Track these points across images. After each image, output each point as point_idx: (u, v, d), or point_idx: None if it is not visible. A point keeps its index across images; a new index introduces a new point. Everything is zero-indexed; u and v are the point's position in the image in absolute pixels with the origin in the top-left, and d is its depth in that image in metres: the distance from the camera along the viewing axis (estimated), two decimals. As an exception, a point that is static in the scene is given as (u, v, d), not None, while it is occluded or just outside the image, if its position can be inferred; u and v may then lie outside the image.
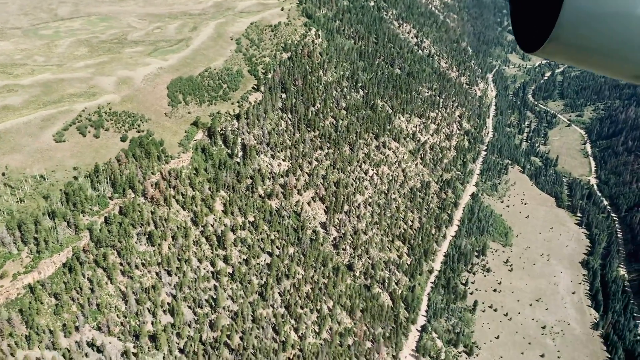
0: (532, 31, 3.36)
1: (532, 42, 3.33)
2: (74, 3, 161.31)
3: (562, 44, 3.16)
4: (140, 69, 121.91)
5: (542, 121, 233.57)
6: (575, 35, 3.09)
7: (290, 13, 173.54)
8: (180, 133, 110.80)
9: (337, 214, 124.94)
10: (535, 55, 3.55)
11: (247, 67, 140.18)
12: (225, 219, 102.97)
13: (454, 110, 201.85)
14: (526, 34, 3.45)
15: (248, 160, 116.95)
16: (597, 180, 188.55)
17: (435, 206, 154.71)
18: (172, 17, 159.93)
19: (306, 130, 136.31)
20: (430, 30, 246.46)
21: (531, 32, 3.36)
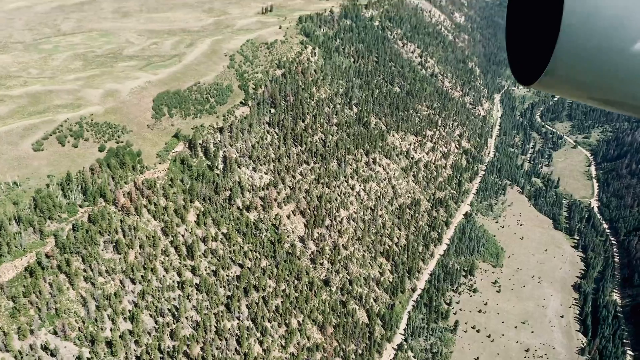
0: (528, 65, 3.47)
1: (528, 75, 3.43)
2: (78, 19, 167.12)
3: (557, 77, 3.24)
4: (128, 83, 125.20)
5: (547, 142, 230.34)
6: (570, 69, 3.16)
7: (288, 31, 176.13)
8: (161, 144, 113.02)
9: (317, 228, 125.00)
10: (532, 88, 3.82)
11: (237, 83, 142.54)
12: (197, 229, 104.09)
13: (453, 129, 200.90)
14: (522, 67, 3.57)
15: (229, 173, 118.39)
16: (599, 203, 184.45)
17: (425, 224, 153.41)
18: (171, 33, 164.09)
19: (293, 145, 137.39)
20: (435, 50, 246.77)
21: (527, 66, 3.47)
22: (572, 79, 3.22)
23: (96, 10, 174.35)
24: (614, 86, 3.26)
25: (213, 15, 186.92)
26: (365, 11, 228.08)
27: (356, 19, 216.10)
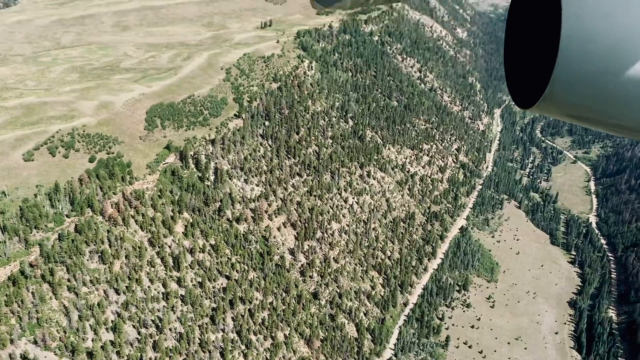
0: (526, 89, 3.50)
1: (527, 99, 3.46)
2: (77, 33, 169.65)
3: (556, 101, 3.27)
4: (122, 95, 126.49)
5: (547, 157, 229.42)
6: (568, 93, 3.19)
7: (286, 45, 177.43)
8: (151, 156, 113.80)
9: (308, 241, 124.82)
10: (531, 112, 3.86)
11: (232, 96, 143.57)
12: (184, 241, 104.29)
13: (451, 143, 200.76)
14: (520, 91, 3.60)
15: (219, 184, 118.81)
16: (597, 219, 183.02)
17: (419, 238, 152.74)
18: (169, 47, 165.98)
19: (286, 157, 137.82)
20: (435, 64, 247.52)
21: (525, 90, 3.50)
22: (571, 103, 3.26)
23: (96, 24, 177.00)
24: (612, 110, 3.30)
25: (212, 30, 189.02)
26: (365, 26, 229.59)
27: (355, 33, 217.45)
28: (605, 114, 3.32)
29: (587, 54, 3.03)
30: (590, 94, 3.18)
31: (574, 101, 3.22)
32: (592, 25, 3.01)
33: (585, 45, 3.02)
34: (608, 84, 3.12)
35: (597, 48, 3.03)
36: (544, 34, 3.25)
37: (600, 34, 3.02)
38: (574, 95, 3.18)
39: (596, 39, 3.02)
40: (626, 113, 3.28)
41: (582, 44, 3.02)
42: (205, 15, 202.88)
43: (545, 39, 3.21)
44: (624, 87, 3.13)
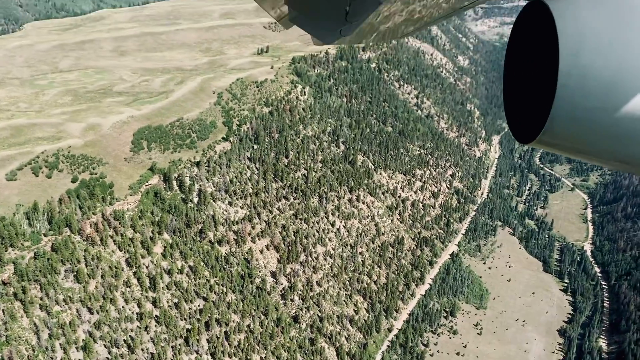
0: (525, 124, 3.56)
1: (526, 134, 3.52)
2: (76, 57, 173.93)
3: (555, 137, 3.32)
4: (111, 117, 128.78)
5: (544, 184, 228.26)
6: (568, 128, 3.24)
7: (280, 71, 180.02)
8: (135, 177, 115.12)
9: (291, 264, 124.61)
10: (531, 147, 4.50)
11: (222, 119, 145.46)
12: (163, 262, 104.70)
13: (445, 169, 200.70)
14: (520, 126, 3.66)
15: (203, 206, 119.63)
16: (592, 247, 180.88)
17: (408, 263, 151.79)
18: (164, 71, 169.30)
19: (273, 180, 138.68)
20: (433, 91, 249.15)
21: (525, 125, 3.56)
22: (570, 138, 3.32)
23: (95, 49, 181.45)
24: (611, 146, 3.35)
25: (209, 55, 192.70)
26: (363, 53, 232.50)
27: (352, 60, 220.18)
28: (604, 149, 3.38)
29: (586, 90, 3.11)
30: (589, 129, 3.25)
31: (573, 137, 3.29)
32: (589, 62, 3.09)
33: (584, 81, 3.10)
34: (607, 119, 3.19)
35: (595, 84, 3.11)
36: (542, 70, 3.34)
37: (598, 70, 3.10)
38: (573, 131, 3.25)
39: (594, 75, 3.10)
40: (625, 148, 3.33)
41: (580, 80, 3.10)
42: (204, 41, 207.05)
43: (544, 75, 3.29)
44: (622, 123, 3.19)
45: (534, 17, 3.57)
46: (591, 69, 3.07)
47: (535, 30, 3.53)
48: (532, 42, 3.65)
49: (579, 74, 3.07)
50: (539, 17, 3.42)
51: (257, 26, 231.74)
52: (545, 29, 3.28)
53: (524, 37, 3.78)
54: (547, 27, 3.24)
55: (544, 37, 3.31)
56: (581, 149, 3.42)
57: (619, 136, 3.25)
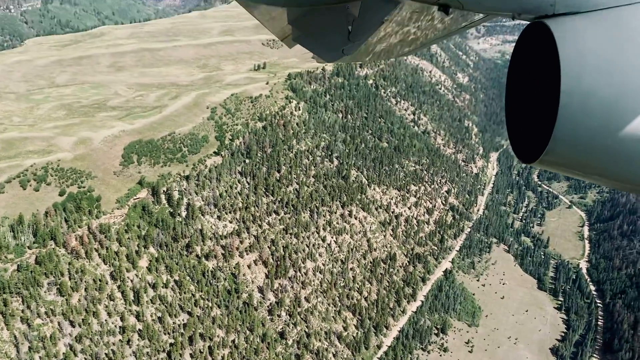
0: (528, 144, 3.60)
1: (529, 154, 3.56)
2: (73, 72, 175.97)
3: (558, 157, 3.36)
4: (102, 131, 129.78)
5: (542, 202, 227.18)
6: (570, 148, 3.27)
7: (275, 87, 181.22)
8: (123, 191, 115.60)
9: (279, 279, 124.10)
10: (534, 167, 3.92)
11: (215, 134, 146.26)
12: (148, 275, 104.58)
13: (441, 185, 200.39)
14: (523, 147, 3.72)
15: (191, 220, 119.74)
16: (588, 264, 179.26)
17: (400, 279, 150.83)
18: (160, 87, 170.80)
19: (264, 195, 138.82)
20: (431, 108, 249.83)
21: (528, 145, 3.61)
22: (573, 158, 3.34)
23: (93, 65, 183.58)
24: (614, 166, 3.36)
25: (206, 71, 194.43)
26: (360, 70, 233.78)
27: (349, 77, 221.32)
28: (607, 169, 3.40)
29: (588, 110, 3.14)
30: (591, 150, 3.26)
31: (576, 157, 3.32)
32: (591, 82, 3.12)
33: (586, 101, 3.12)
34: (609, 140, 3.20)
35: (597, 104, 3.12)
36: (544, 90, 3.37)
37: (599, 91, 3.12)
38: (575, 151, 3.27)
39: (596, 96, 3.12)
40: (628, 169, 3.33)
41: (582, 100, 3.12)
42: (202, 57, 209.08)
43: (546, 95, 3.31)
44: (625, 143, 3.19)
45: (535, 38, 3.62)
46: (593, 89, 3.11)
47: (537, 51, 3.59)
48: (533, 63, 3.70)
49: (580, 94, 3.11)
50: (540, 37, 3.48)
51: (256, 43, 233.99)
52: (546, 50, 3.33)
53: (525, 57, 3.84)
54: (549, 48, 3.29)
55: (546, 58, 3.35)
56: (584, 169, 3.45)
57: (622, 157, 3.27)
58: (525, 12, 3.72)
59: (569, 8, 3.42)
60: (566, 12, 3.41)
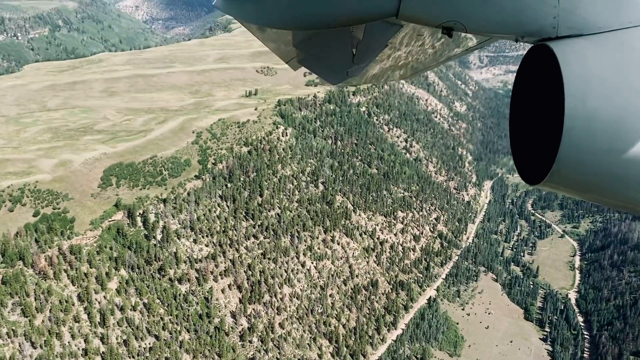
0: (533, 166, 3.66)
1: (534, 176, 3.62)
2: (66, 97, 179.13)
3: (562, 178, 3.39)
4: (84, 154, 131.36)
5: (534, 230, 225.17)
6: (574, 170, 3.30)
7: (264, 112, 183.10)
8: (99, 212, 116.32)
9: (253, 304, 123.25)
10: (538, 188, 3.98)
11: (198, 158, 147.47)
12: (116, 298, 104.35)
13: (430, 212, 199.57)
14: (528, 168, 3.78)
15: (166, 243, 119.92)
16: (577, 295, 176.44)
17: (382, 307, 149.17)
18: (149, 111, 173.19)
19: (243, 219, 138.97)
20: (424, 135, 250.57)
21: (532, 167, 3.67)
22: (577, 180, 3.37)
23: (86, 90, 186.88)
24: (618, 187, 3.38)
25: (197, 97, 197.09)
26: (353, 97, 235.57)
27: (341, 103, 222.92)
28: (611, 191, 3.42)
29: (592, 132, 3.18)
30: (596, 171, 3.30)
31: (580, 178, 3.35)
32: (595, 104, 3.16)
33: (590, 124, 3.17)
34: (613, 161, 3.23)
35: (602, 127, 3.17)
36: (548, 112, 3.41)
37: (603, 113, 3.16)
38: (580, 173, 3.31)
39: (600, 118, 3.16)
40: (633, 190, 3.36)
41: (586, 123, 3.17)
42: (195, 83, 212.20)
43: (550, 117, 3.36)
44: (629, 164, 3.21)
45: (538, 60, 3.70)
46: (597, 111, 3.16)
47: (540, 73, 3.65)
48: (537, 85, 3.77)
49: (585, 116, 3.15)
50: (543, 60, 3.55)
51: (250, 70, 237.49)
52: (550, 72, 3.39)
53: (529, 79, 3.92)
54: (552, 70, 3.34)
55: (549, 80, 3.41)
56: (588, 191, 3.49)
57: (626, 178, 3.30)
58: (528, 35, 3.79)
59: (571, 31, 3.48)
60: (569, 34, 3.47)
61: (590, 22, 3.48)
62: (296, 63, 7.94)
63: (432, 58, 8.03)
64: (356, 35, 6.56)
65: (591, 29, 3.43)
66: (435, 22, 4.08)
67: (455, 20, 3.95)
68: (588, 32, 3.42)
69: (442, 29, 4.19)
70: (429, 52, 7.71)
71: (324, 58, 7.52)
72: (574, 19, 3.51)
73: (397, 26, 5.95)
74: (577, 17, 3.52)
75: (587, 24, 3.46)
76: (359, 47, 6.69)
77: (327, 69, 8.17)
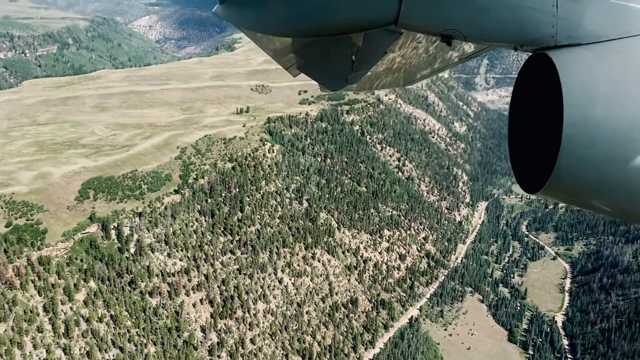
0: (532, 174, 3.68)
1: (533, 184, 3.63)
2: (57, 112, 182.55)
3: (561, 186, 3.40)
4: (64, 167, 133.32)
5: (526, 252, 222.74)
6: (573, 179, 3.31)
7: (252, 129, 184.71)
8: (73, 225, 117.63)
9: (225, 319, 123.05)
10: (537, 196, 3.98)
11: (179, 173, 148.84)
12: (83, 309, 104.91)
13: (418, 232, 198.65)
14: (526, 177, 3.79)
15: (139, 257, 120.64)
16: (565, 318, 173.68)
17: (360, 325, 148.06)
18: (137, 127, 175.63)
19: (221, 234, 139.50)
20: (418, 155, 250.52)
21: (531, 176, 3.68)
22: (576, 188, 3.39)
23: (78, 105, 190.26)
24: (617, 196, 3.40)
25: (188, 113, 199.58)
26: (347, 116, 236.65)
27: (334, 122, 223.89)
28: (610, 199, 3.45)
29: (591, 140, 3.21)
30: (595, 180, 3.31)
31: (579, 187, 3.37)
32: (594, 113, 3.19)
33: (589, 132, 3.19)
34: (613, 170, 3.24)
35: (600, 135, 3.20)
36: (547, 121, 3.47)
37: (602, 122, 3.19)
38: (579, 181, 3.33)
39: (599, 126, 3.19)
40: (632, 199, 3.37)
41: (585, 131, 3.20)
42: (188, 100, 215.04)
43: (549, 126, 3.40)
44: (628, 173, 3.22)
45: (537, 69, 3.74)
46: (596, 120, 3.20)
47: (539, 82, 3.70)
48: (536, 94, 3.83)
49: (583, 125, 3.20)
50: (542, 69, 3.60)
51: (244, 88, 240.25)
52: (549, 81, 3.44)
53: (528, 88, 3.99)
54: (551, 79, 3.39)
55: (548, 89, 3.46)
56: (587, 200, 3.52)
57: (626, 187, 3.33)
58: (526, 44, 3.85)
59: (570, 40, 3.54)
60: (568, 44, 3.53)
61: (589, 32, 3.54)
62: (295, 70, 8.00)
63: (431, 65, 8.06)
64: (356, 43, 6.58)
65: (590, 38, 3.49)
66: (434, 31, 4.15)
67: (454, 28, 4.02)
68: (587, 41, 3.48)
69: (441, 37, 4.24)
70: (428, 59, 7.76)
71: (323, 65, 7.60)
72: (572, 28, 3.57)
73: (397, 34, 5.99)
74: (576, 26, 3.58)
75: (586, 33, 3.53)
76: (358, 54, 6.74)
77: (326, 76, 8.23)
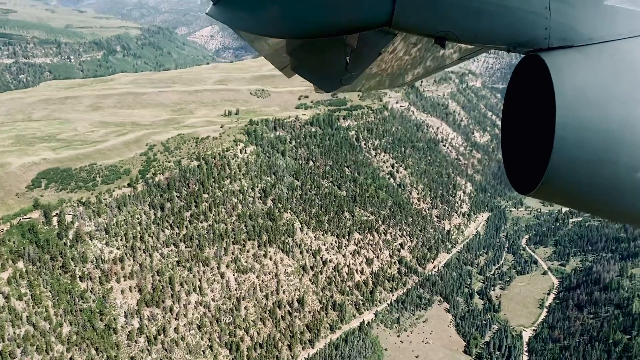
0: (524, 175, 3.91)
1: (526, 185, 3.87)
2: (52, 110, 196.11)
3: (553, 187, 3.60)
4: (25, 157, 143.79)
5: (517, 266, 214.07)
6: (566, 179, 3.51)
7: (230, 130, 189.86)
8: (16, 210, 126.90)
9: (151, 307, 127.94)
10: (530, 197, 4.18)
11: (139, 168, 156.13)
12: (5, 287, 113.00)
13: (395, 238, 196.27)
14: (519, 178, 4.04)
15: (76, 243, 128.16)
16: (533, 333, 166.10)
17: (304, 324, 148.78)
18: (119, 125, 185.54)
19: (168, 227, 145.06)
20: (416, 162, 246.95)
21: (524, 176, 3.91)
22: (568, 189, 3.61)
23: (74, 104, 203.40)
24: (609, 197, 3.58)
25: (176, 114, 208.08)
26: (343, 121, 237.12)
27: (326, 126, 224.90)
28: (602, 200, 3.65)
29: (583, 142, 3.40)
30: (586, 181, 3.52)
31: (571, 187, 3.59)
32: (586, 114, 3.38)
33: (580, 133, 3.39)
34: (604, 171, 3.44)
35: (592, 136, 3.39)
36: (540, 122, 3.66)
37: (594, 123, 3.37)
38: (571, 182, 3.55)
39: (590, 128, 3.38)
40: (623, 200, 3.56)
41: (577, 132, 3.40)
42: (183, 102, 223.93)
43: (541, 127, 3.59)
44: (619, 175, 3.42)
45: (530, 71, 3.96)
46: (588, 122, 3.40)
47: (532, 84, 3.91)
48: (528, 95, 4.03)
49: (575, 126, 3.40)
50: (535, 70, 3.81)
51: (244, 92, 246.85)
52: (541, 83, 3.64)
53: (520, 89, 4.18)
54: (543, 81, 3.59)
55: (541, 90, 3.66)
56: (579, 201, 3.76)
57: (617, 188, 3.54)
58: (519, 46, 3.98)
59: (562, 42, 3.68)
60: (560, 46, 3.68)
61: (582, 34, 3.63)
62: (290, 70, 8.13)
63: (426, 67, 8.15)
64: (350, 44, 6.73)
65: (582, 40, 3.59)
66: (428, 32, 4.23)
67: (448, 30, 4.10)
68: (579, 43, 3.58)
69: (435, 39, 4.31)
70: (423, 61, 7.85)
71: (317, 66, 7.69)
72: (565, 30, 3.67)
73: (391, 35, 6.07)
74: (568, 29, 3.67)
75: (578, 36, 3.63)
76: (352, 56, 6.88)
77: (320, 77, 8.27)
